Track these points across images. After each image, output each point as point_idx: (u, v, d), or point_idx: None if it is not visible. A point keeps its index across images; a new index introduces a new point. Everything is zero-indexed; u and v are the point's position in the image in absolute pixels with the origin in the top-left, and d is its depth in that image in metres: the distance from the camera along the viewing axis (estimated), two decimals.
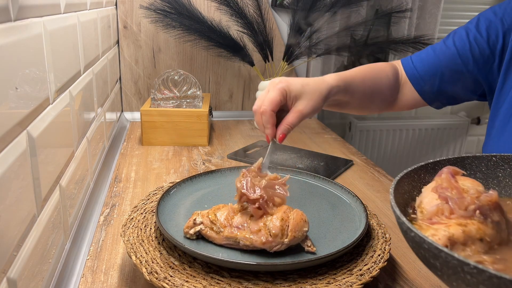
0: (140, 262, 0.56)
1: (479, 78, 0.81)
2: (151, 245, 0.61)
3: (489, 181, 0.57)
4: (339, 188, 0.76)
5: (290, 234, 0.57)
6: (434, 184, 0.51)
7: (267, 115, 0.66)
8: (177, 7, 1.21)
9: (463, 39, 0.81)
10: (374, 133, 1.96)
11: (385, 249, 0.61)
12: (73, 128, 0.73)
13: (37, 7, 0.56)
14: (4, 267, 0.42)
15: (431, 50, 0.85)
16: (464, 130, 2.07)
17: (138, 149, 1.13)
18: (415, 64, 0.86)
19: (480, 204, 0.44)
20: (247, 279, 0.55)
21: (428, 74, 0.84)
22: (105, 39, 1.12)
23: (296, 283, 0.54)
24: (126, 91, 1.43)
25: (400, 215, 0.41)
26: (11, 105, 0.46)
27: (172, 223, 0.65)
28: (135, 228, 0.64)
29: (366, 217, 0.65)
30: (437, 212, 0.46)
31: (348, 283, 0.54)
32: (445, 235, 0.42)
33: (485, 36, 0.79)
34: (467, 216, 0.44)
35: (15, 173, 0.45)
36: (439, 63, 0.83)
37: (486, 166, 0.57)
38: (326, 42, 1.33)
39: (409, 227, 0.39)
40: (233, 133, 1.31)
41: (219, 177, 0.79)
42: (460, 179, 0.52)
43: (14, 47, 0.47)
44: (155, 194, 0.75)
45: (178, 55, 1.42)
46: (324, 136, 1.32)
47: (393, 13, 1.37)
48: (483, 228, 0.43)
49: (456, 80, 0.83)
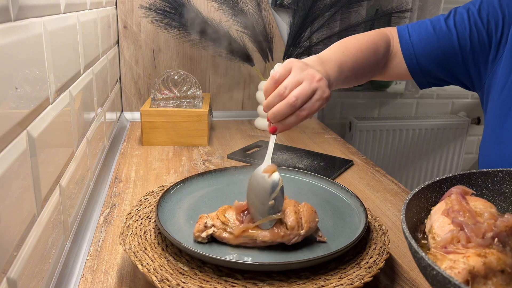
0: (148, 271, 0.54)
1: (470, 66, 0.78)
2: (155, 252, 0.59)
3: (496, 197, 0.56)
4: (339, 188, 0.76)
5: (305, 225, 0.59)
6: (444, 205, 0.49)
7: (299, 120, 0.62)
8: (177, 7, 1.21)
9: (464, 22, 0.76)
10: (374, 133, 1.96)
11: (385, 241, 0.63)
12: (73, 128, 0.73)
13: (37, 7, 0.56)
14: (4, 267, 0.42)
15: (431, 27, 0.79)
16: (464, 130, 2.07)
17: (138, 149, 1.13)
18: (412, 40, 0.81)
19: (498, 230, 0.42)
20: (261, 279, 0.54)
21: (423, 55, 0.80)
22: (105, 39, 1.12)
23: (310, 280, 0.55)
24: (126, 91, 1.43)
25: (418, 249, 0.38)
26: (11, 105, 0.46)
27: (175, 228, 0.63)
28: (134, 235, 0.62)
29: (365, 213, 0.66)
30: (452, 240, 0.43)
31: (359, 276, 0.55)
32: (466, 268, 0.39)
33: (485, 23, 0.75)
34: (485, 245, 0.41)
35: (15, 173, 0.45)
36: (437, 45, 0.78)
37: (493, 182, 0.56)
38: (326, 42, 1.33)
39: (430, 263, 0.37)
40: (233, 133, 1.31)
41: (219, 177, 0.79)
42: (471, 199, 0.50)
43: (14, 47, 0.47)
44: (147, 200, 0.72)
45: (178, 55, 1.42)
46: (324, 136, 1.32)
47: (393, 13, 1.37)
48: (503, 258, 0.40)
49: (450, 65, 0.79)
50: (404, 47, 0.81)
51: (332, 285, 0.53)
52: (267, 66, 1.35)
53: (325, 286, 0.53)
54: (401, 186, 0.96)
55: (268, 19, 1.30)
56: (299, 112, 0.61)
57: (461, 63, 0.78)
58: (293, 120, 0.62)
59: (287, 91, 0.61)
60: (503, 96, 0.73)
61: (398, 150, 2.03)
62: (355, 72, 0.76)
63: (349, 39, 0.79)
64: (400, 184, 0.97)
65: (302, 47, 1.31)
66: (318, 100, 0.62)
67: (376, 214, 0.82)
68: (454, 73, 0.80)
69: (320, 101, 0.62)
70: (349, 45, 0.77)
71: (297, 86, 0.61)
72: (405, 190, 0.94)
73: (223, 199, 0.73)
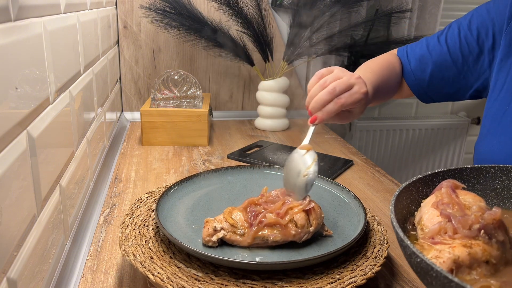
0: (161, 280, 0.53)
1: (470, 77, 0.82)
2: (163, 260, 0.57)
3: (487, 193, 0.56)
4: (339, 188, 0.76)
5: (314, 222, 0.61)
6: (434, 198, 0.50)
7: (338, 107, 0.67)
8: (177, 7, 1.21)
9: (455, 37, 0.82)
10: (374, 133, 1.96)
11: (383, 232, 0.66)
12: (73, 128, 0.73)
13: (37, 7, 0.56)
14: (4, 267, 0.42)
15: (425, 45, 0.86)
16: (464, 130, 2.07)
17: (138, 149, 1.13)
18: (409, 58, 0.88)
19: (485, 223, 0.43)
20: (279, 278, 0.55)
21: (419, 70, 0.86)
22: (105, 39, 1.12)
23: (325, 274, 0.56)
24: (126, 91, 1.43)
25: (404, 238, 0.39)
26: (11, 105, 0.46)
27: (180, 234, 0.62)
28: (136, 245, 0.60)
29: (364, 212, 0.66)
30: (439, 231, 0.44)
31: (370, 266, 0.57)
32: (450, 258, 0.40)
33: (475, 35, 0.80)
34: (471, 236, 0.42)
35: (15, 173, 0.45)
36: (430, 60, 0.84)
37: (485, 177, 0.57)
38: (326, 42, 1.33)
39: (414, 251, 0.37)
40: (233, 133, 1.31)
41: (219, 177, 0.79)
42: (461, 193, 0.51)
43: (14, 47, 0.47)
44: (138, 207, 0.71)
45: (178, 55, 1.42)
46: (324, 136, 1.32)
47: (393, 13, 1.37)
48: (489, 250, 0.41)
49: (445, 77, 0.84)
50: (403, 66, 0.89)
51: (347, 277, 0.55)
52: (267, 66, 1.35)
53: (341, 279, 0.55)
54: None
55: (268, 19, 1.30)
56: (337, 100, 0.67)
57: (457, 74, 0.83)
58: (331, 107, 0.67)
59: (327, 82, 0.68)
60: (501, 97, 0.77)
61: (398, 150, 2.03)
62: (382, 87, 0.82)
63: (370, 62, 0.86)
64: (400, 184, 0.97)
65: (302, 47, 1.31)
66: (356, 93, 0.68)
67: (376, 214, 0.82)
68: (454, 85, 0.85)
69: (357, 94, 0.68)
70: (372, 65, 0.84)
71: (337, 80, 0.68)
72: None
73: (223, 199, 0.73)
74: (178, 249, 0.60)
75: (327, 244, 0.62)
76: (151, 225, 0.66)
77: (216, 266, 0.57)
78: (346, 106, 0.68)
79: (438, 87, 0.86)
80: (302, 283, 0.54)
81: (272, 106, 1.33)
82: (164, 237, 0.63)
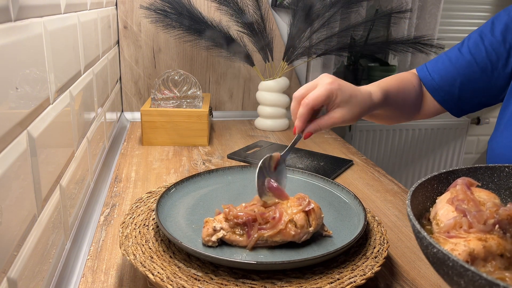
0: (161, 280, 0.53)
1: (501, 81, 0.81)
2: (163, 260, 0.57)
3: (502, 192, 0.57)
4: (339, 188, 0.76)
5: (313, 223, 0.61)
6: (450, 195, 0.51)
7: (306, 109, 0.67)
8: (177, 7, 1.21)
9: (479, 46, 0.81)
10: (374, 133, 1.96)
11: (383, 232, 0.66)
12: (73, 128, 0.73)
13: (37, 7, 0.56)
14: (4, 267, 0.42)
15: (446, 59, 0.85)
16: (464, 130, 2.07)
17: (138, 149, 1.13)
18: (432, 75, 0.86)
19: (500, 218, 0.44)
20: (278, 278, 0.55)
21: (447, 84, 0.84)
22: (105, 39, 1.12)
23: (325, 274, 0.56)
24: (126, 91, 1.43)
25: (421, 229, 0.40)
26: (11, 105, 0.46)
27: (180, 234, 0.62)
28: (136, 245, 0.60)
29: (364, 212, 0.66)
30: (454, 226, 0.45)
31: (369, 267, 0.57)
32: (466, 250, 0.41)
33: (500, 40, 0.79)
34: (486, 231, 0.43)
35: (15, 173, 0.46)
36: (456, 72, 0.83)
37: (499, 177, 0.57)
38: (326, 42, 1.33)
39: (431, 242, 0.38)
40: (233, 133, 1.31)
41: (219, 177, 0.79)
42: (476, 190, 0.52)
43: (14, 47, 0.47)
44: (138, 207, 0.71)
45: (178, 55, 1.42)
46: (324, 136, 1.32)
47: (393, 13, 1.37)
48: (503, 244, 0.42)
49: (476, 87, 0.83)
50: (427, 83, 0.87)
51: (347, 277, 0.55)
52: (267, 66, 1.35)
53: (341, 279, 0.55)
54: (401, 186, 0.97)
55: (268, 19, 1.30)
56: (303, 101, 0.67)
57: (488, 81, 0.82)
58: (300, 110, 0.67)
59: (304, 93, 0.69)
60: None
61: (398, 150, 2.03)
62: (393, 91, 0.80)
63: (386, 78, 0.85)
64: (400, 184, 0.97)
65: (302, 47, 1.31)
66: (321, 87, 0.67)
67: (376, 214, 0.82)
68: (485, 92, 0.83)
69: (321, 86, 0.67)
70: (387, 79, 0.83)
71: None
72: (405, 190, 0.94)
73: (223, 199, 0.73)
74: (178, 249, 0.60)
75: (326, 244, 0.62)
76: (151, 225, 0.66)
77: (215, 265, 0.57)
78: (314, 102, 0.67)
79: (469, 98, 0.84)
80: (301, 283, 0.54)
81: (272, 106, 1.33)
82: (164, 237, 0.63)
